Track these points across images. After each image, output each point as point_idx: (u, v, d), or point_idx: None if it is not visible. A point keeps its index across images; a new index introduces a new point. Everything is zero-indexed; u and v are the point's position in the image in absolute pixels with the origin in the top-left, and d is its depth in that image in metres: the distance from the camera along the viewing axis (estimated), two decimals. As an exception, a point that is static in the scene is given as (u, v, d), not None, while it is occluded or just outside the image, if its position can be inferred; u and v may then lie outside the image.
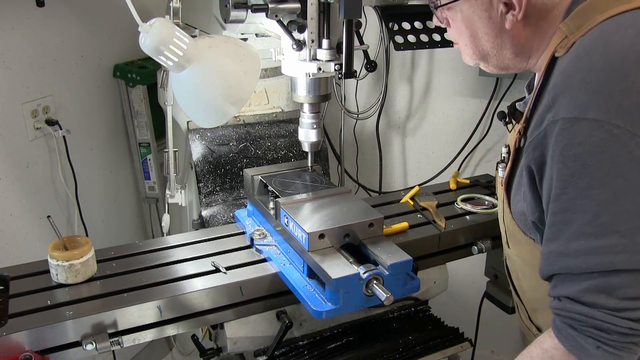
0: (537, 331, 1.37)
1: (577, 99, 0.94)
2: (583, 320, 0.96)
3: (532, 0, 1.08)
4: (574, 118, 0.94)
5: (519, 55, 1.17)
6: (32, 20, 2.02)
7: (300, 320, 1.49)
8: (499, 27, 1.13)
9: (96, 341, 1.22)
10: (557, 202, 0.98)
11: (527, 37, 1.14)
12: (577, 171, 0.94)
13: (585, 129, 0.93)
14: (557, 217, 0.98)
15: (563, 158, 0.95)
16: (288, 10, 1.34)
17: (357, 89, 2.64)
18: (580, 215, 0.94)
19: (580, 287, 0.96)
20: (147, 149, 2.54)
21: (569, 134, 0.94)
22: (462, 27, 1.18)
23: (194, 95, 1.35)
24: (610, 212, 0.92)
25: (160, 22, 1.21)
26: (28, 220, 2.10)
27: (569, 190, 0.95)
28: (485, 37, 1.16)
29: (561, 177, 0.96)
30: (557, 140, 0.96)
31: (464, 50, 1.23)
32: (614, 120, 0.91)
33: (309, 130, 1.50)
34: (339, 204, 1.41)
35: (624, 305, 0.93)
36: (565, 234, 0.97)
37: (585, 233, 0.94)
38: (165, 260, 1.44)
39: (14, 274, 1.37)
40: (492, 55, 1.19)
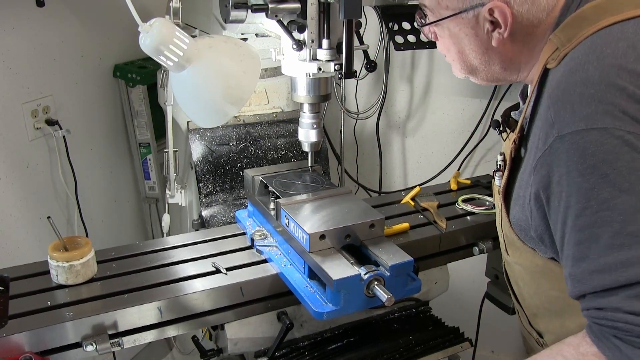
0: (537, 336, 1.36)
1: (580, 112, 0.93)
2: (629, 329, 0.88)
3: (517, 18, 1.08)
4: (582, 130, 0.92)
5: (508, 69, 1.17)
6: (32, 20, 2.02)
7: (301, 321, 1.49)
8: (486, 45, 1.14)
9: (96, 342, 1.22)
10: (581, 218, 0.93)
11: (515, 52, 1.14)
12: (596, 183, 0.91)
13: (596, 139, 0.91)
14: (583, 234, 0.94)
15: (579, 172, 0.92)
16: (288, 10, 1.34)
17: (357, 89, 2.64)
18: (607, 227, 0.90)
19: (620, 296, 0.90)
20: (147, 149, 2.54)
21: (580, 147, 0.92)
22: (449, 43, 1.19)
23: (194, 95, 1.35)
24: (637, 219, 0.88)
25: (160, 22, 1.21)
26: (28, 221, 2.10)
27: (592, 203, 0.91)
28: (472, 54, 1.17)
29: (581, 192, 0.92)
30: (569, 155, 0.94)
31: (453, 64, 1.24)
32: (624, 127, 0.89)
33: (309, 130, 1.50)
34: (340, 205, 1.41)
35: None
36: (595, 251, 0.92)
37: (616, 245, 0.89)
38: (166, 261, 1.44)
39: (14, 274, 1.36)
40: (480, 70, 1.19)
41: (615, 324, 0.90)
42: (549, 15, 1.09)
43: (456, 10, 1.12)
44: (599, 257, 0.92)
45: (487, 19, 1.09)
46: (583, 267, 0.94)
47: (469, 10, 1.10)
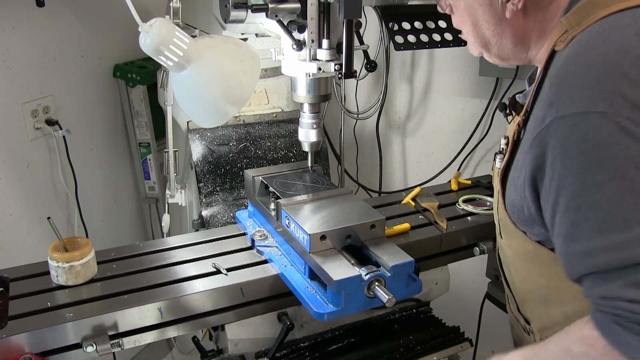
0: (524, 322, 1.36)
1: (581, 94, 0.94)
2: (628, 316, 0.90)
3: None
4: (582, 113, 0.93)
5: (519, 45, 1.18)
6: (32, 20, 2.02)
7: (301, 322, 1.49)
8: (499, 16, 1.15)
9: (97, 343, 1.21)
10: (574, 200, 0.95)
11: (527, 28, 1.15)
12: (592, 166, 0.92)
13: (595, 123, 0.91)
14: (576, 215, 0.95)
15: (575, 154, 0.93)
16: (288, 10, 1.33)
17: (357, 89, 2.64)
18: (599, 210, 0.92)
19: (617, 283, 0.91)
20: (147, 149, 2.54)
21: (578, 129, 0.93)
22: (464, 15, 1.20)
23: (194, 95, 1.35)
24: (630, 203, 0.89)
25: (160, 22, 1.21)
26: (28, 221, 2.10)
27: (586, 186, 0.93)
28: (486, 25, 1.18)
29: (576, 174, 0.94)
30: (566, 136, 0.95)
31: (467, 39, 1.25)
32: (622, 112, 0.90)
33: (309, 130, 1.50)
34: (340, 205, 1.41)
35: None
36: (587, 232, 0.94)
37: (607, 228, 0.91)
38: (166, 261, 1.44)
39: (14, 275, 1.36)
40: (492, 43, 1.20)
41: (615, 311, 0.92)
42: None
43: None
44: (590, 239, 0.93)
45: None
46: (575, 248, 0.96)
47: None
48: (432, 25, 1.97)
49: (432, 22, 1.97)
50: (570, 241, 0.97)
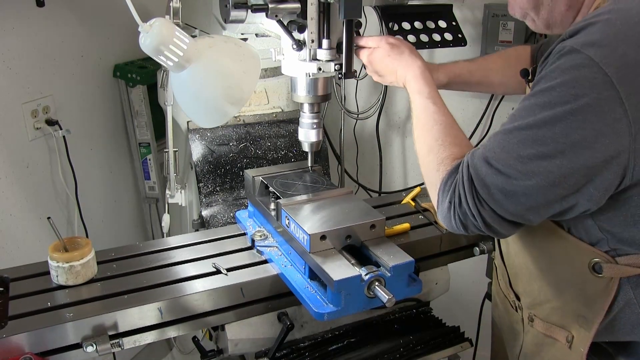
0: (514, 297, 1.36)
1: (591, 34, 0.95)
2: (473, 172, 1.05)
3: None
4: (577, 48, 0.94)
5: (571, 8, 1.12)
6: (32, 20, 2.02)
7: (301, 322, 1.49)
8: None
9: (97, 343, 1.21)
10: (523, 101, 1.02)
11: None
12: (548, 89, 0.97)
13: (578, 60, 0.94)
14: (512, 115, 1.04)
15: (549, 72, 0.98)
16: (288, 10, 1.33)
17: (357, 89, 2.64)
18: (525, 122, 1.00)
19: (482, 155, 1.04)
20: (147, 149, 2.54)
21: (563, 59, 0.96)
22: None
23: (194, 95, 1.35)
24: (542, 136, 0.97)
25: (160, 22, 1.21)
26: (28, 221, 2.10)
27: (534, 98, 0.99)
28: None
29: (534, 88, 1.00)
30: (553, 60, 0.98)
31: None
32: (605, 67, 0.92)
33: (309, 130, 1.50)
34: (340, 205, 1.41)
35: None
36: (512, 123, 1.02)
37: (514, 131, 1.01)
38: (166, 261, 1.44)
39: (14, 275, 1.36)
40: (545, 4, 1.13)
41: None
42: None
43: None
44: (508, 128, 1.03)
45: None
46: (504, 127, 1.05)
47: None
48: (432, 25, 1.97)
49: (432, 22, 1.96)
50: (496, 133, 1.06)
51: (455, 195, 1.08)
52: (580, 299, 1.17)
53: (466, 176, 1.06)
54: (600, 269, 1.11)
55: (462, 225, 1.10)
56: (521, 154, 0.99)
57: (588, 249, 1.12)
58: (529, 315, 1.30)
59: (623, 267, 1.09)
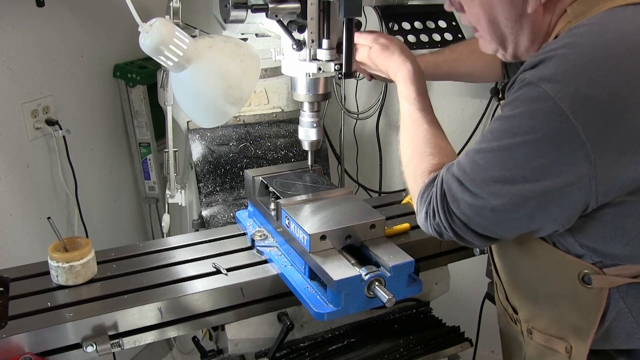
0: (512, 311, 1.37)
1: (547, 68, 0.97)
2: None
3: None
4: (534, 82, 0.97)
5: (535, 42, 1.15)
6: (32, 20, 2.02)
7: (301, 322, 1.49)
8: (520, 11, 1.11)
9: (97, 343, 1.21)
10: (493, 123, 1.06)
11: (545, 22, 1.12)
12: (504, 122, 1.02)
13: (535, 93, 0.96)
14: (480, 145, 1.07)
15: (512, 100, 1.01)
16: (288, 10, 1.33)
17: (357, 89, 2.63)
18: (490, 143, 1.04)
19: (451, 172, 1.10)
20: (147, 149, 2.53)
21: (523, 90, 0.99)
22: (480, 12, 1.15)
23: (194, 95, 1.35)
24: (496, 157, 1.02)
25: (160, 22, 1.21)
26: (28, 221, 2.10)
27: (500, 122, 1.03)
28: (504, 22, 1.13)
29: (493, 123, 1.05)
30: (516, 87, 1.01)
31: (483, 36, 1.21)
32: (560, 102, 0.93)
33: (309, 129, 1.50)
34: (340, 205, 1.41)
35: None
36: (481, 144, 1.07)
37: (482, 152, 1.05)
38: (166, 261, 1.44)
39: (14, 275, 1.36)
40: (509, 41, 1.16)
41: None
42: None
43: None
44: (475, 150, 1.07)
45: None
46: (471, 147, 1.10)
47: None
48: (432, 25, 1.97)
49: (432, 22, 1.96)
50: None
51: (430, 207, 1.14)
52: (574, 310, 1.18)
53: (440, 191, 1.11)
54: (590, 280, 1.12)
55: (438, 234, 1.16)
56: (487, 176, 1.04)
57: (576, 262, 1.13)
58: (527, 328, 1.31)
59: (611, 277, 1.10)
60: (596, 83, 0.93)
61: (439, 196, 1.11)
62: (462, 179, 1.07)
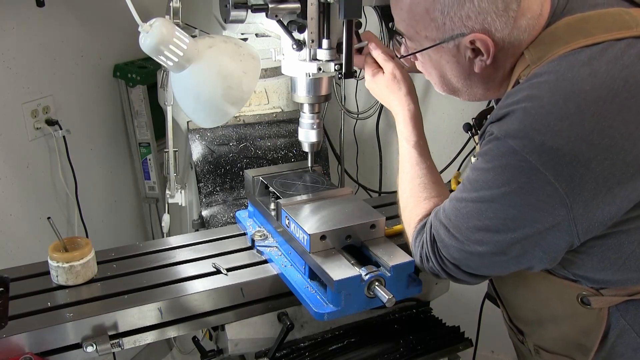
0: (518, 333, 1.38)
1: (511, 123, 0.99)
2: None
3: (499, 45, 1.07)
4: (501, 137, 1.00)
5: (490, 89, 1.19)
6: (32, 20, 2.02)
7: (301, 322, 1.49)
8: (468, 71, 1.14)
9: (97, 343, 1.21)
10: (471, 171, 1.09)
11: (498, 72, 1.14)
12: (478, 177, 1.05)
13: (503, 149, 0.99)
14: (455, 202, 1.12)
15: (484, 152, 1.04)
16: (288, 10, 1.33)
17: (357, 89, 2.63)
18: (470, 193, 1.08)
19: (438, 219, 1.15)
20: (147, 149, 2.53)
21: (492, 144, 1.02)
22: (430, 68, 1.20)
23: (194, 95, 1.35)
24: (476, 207, 1.06)
25: (160, 22, 1.21)
26: (28, 220, 2.10)
27: (477, 173, 1.07)
28: (454, 79, 1.18)
29: (471, 174, 1.08)
30: (487, 139, 1.04)
31: (435, 84, 1.25)
32: (528, 156, 0.96)
33: (309, 130, 1.50)
34: (340, 205, 1.41)
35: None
36: (462, 193, 1.11)
37: (463, 201, 1.10)
38: (166, 261, 1.44)
39: (14, 275, 1.36)
40: (462, 91, 1.21)
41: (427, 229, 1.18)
42: (529, 35, 1.08)
43: (436, 41, 1.10)
44: (453, 200, 1.12)
45: (469, 48, 1.08)
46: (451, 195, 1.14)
47: (449, 41, 1.09)
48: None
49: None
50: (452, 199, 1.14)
51: (423, 251, 1.20)
52: (576, 330, 1.19)
53: (429, 236, 1.17)
54: (588, 301, 1.14)
55: (434, 275, 1.22)
56: (470, 224, 1.08)
57: (573, 285, 1.15)
58: (534, 347, 1.32)
59: (608, 297, 1.12)
60: (560, 134, 0.95)
61: (429, 241, 1.17)
62: (448, 226, 1.12)
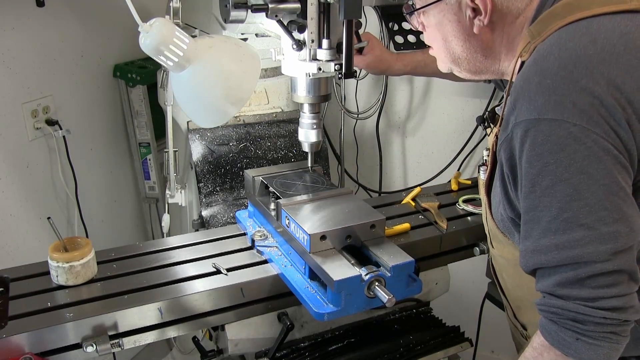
0: (522, 329, 1.38)
1: (535, 101, 0.98)
2: (560, 313, 0.98)
3: (497, 6, 1.12)
4: (534, 119, 0.98)
5: (489, 57, 1.21)
6: (32, 20, 2.02)
7: (301, 322, 1.49)
8: (467, 31, 1.17)
9: (97, 343, 1.21)
10: (527, 201, 1.02)
11: (496, 41, 1.18)
12: (541, 170, 0.97)
13: (545, 129, 0.96)
14: (528, 215, 1.02)
15: (528, 158, 0.99)
16: (288, 10, 1.33)
17: (357, 89, 2.63)
18: (546, 212, 0.98)
19: (555, 280, 0.99)
20: (147, 149, 2.54)
21: (531, 135, 0.98)
22: (434, 31, 1.23)
23: (194, 95, 1.35)
24: (573, 207, 0.95)
25: (160, 22, 1.21)
26: (28, 220, 2.10)
27: (536, 188, 0.99)
28: (455, 41, 1.20)
29: (528, 177, 1.00)
30: (522, 142, 1.00)
31: (438, 55, 1.27)
32: (571, 119, 0.94)
33: (309, 130, 1.50)
34: (341, 205, 1.41)
35: (596, 295, 0.96)
36: (536, 231, 1.01)
37: (552, 229, 0.98)
38: (166, 261, 1.44)
39: (14, 275, 1.36)
40: (462, 58, 1.22)
41: (551, 309, 1.00)
42: (527, 7, 1.13)
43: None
44: (538, 238, 1.00)
45: (469, 6, 1.13)
46: (527, 245, 1.03)
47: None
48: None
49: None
50: (524, 238, 1.04)
51: (613, 303, 0.97)
52: None
53: (570, 321, 0.98)
54: None
55: (624, 317, 0.98)
56: (562, 240, 0.97)
57: None
58: None
59: None
60: (584, 91, 0.94)
61: (578, 323, 0.98)
62: (546, 274, 0.99)
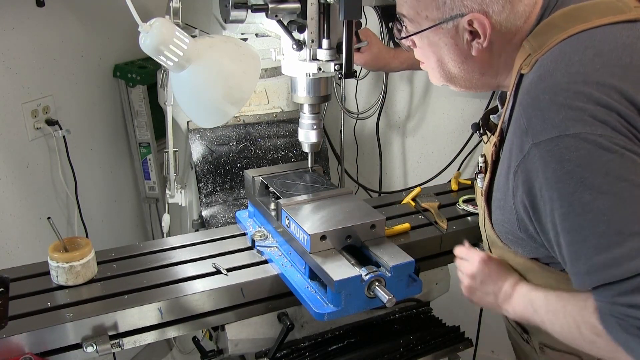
0: (522, 331, 1.37)
1: (552, 119, 0.95)
2: (629, 320, 0.92)
3: (496, 27, 1.09)
4: (556, 137, 0.94)
5: (487, 74, 1.19)
6: (32, 20, 2.02)
7: (301, 322, 1.49)
8: (465, 54, 1.15)
9: (97, 343, 1.21)
10: (568, 222, 0.96)
11: (494, 59, 1.15)
12: (576, 187, 0.93)
13: (571, 144, 0.93)
14: (571, 236, 0.96)
15: (559, 178, 0.94)
16: (288, 10, 1.33)
17: (357, 89, 2.64)
18: (593, 229, 0.93)
19: (615, 292, 0.93)
20: (147, 149, 2.54)
21: (556, 153, 0.94)
22: (428, 52, 1.20)
23: (194, 95, 1.35)
24: (620, 218, 0.91)
25: (160, 22, 1.21)
26: (28, 221, 2.10)
27: (574, 207, 0.94)
28: (451, 63, 1.18)
29: (563, 197, 0.95)
30: (545, 162, 0.96)
31: (431, 72, 1.25)
32: (595, 130, 0.92)
33: (309, 130, 1.50)
34: (341, 205, 1.41)
35: None
36: (586, 251, 0.95)
37: (604, 245, 0.92)
38: (166, 261, 1.44)
39: (14, 275, 1.36)
40: (459, 77, 1.20)
41: (617, 314, 0.93)
42: (525, 22, 1.10)
43: (436, 21, 1.12)
44: (590, 258, 0.94)
45: (467, 29, 1.10)
46: (579, 267, 0.97)
47: (448, 21, 1.10)
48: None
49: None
50: (574, 260, 0.98)
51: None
52: None
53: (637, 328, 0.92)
54: None
55: None
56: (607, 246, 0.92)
57: None
58: (539, 345, 1.31)
59: None
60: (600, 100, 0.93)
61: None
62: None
